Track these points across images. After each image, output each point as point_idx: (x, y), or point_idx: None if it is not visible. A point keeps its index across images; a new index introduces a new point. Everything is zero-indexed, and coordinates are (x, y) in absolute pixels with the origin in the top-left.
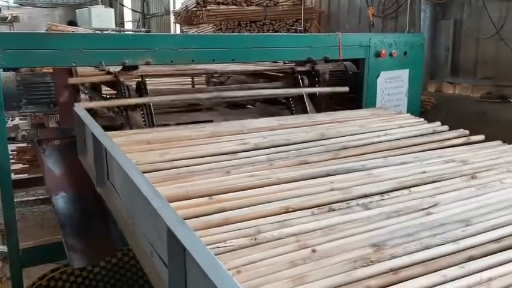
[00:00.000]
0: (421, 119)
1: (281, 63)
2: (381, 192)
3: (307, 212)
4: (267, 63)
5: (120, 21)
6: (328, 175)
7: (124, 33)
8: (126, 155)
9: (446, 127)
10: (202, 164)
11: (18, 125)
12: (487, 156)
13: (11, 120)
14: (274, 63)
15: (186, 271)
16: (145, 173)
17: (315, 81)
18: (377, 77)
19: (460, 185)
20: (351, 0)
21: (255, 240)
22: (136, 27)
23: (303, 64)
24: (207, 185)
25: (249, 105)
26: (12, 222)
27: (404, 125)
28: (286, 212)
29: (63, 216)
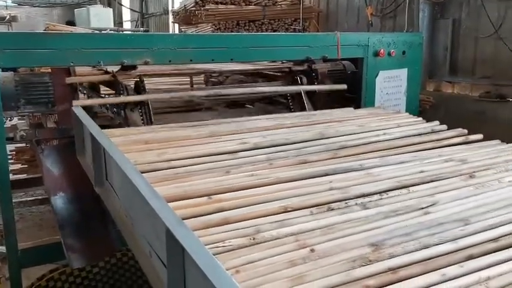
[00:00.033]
0: (420, 119)
1: (279, 62)
2: (380, 192)
3: (306, 211)
4: (265, 63)
5: (118, 20)
6: (327, 174)
7: (122, 32)
8: (125, 155)
9: (444, 126)
10: (201, 163)
11: (16, 125)
12: (485, 156)
13: (10, 121)
14: (272, 63)
15: (185, 271)
16: (143, 173)
17: (314, 80)
18: (375, 77)
19: (458, 184)
20: (349, 0)
21: (254, 240)
22: (135, 26)
23: (301, 64)
24: (206, 185)
25: (248, 105)
26: (11, 223)
27: (403, 124)
28: (285, 211)
29: (62, 216)
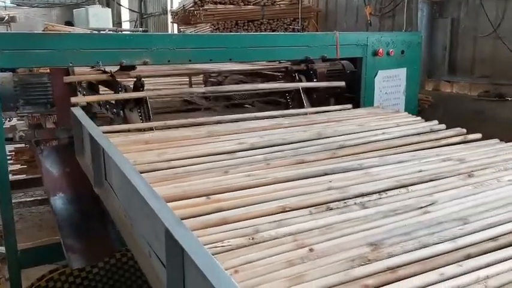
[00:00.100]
0: (419, 118)
1: (277, 62)
2: (379, 191)
3: (305, 211)
4: (263, 63)
5: (117, 21)
6: (325, 174)
7: (121, 33)
8: (124, 155)
9: (443, 126)
10: (200, 163)
11: (15, 126)
12: (484, 155)
13: (9, 121)
14: (270, 63)
15: (184, 271)
16: (142, 173)
17: (313, 80)
18: (374, 76)
19: (457, 184)
20: None
21: (253, 239)
22: (134, 27)
23: (300, 63)
24: (205, 185)
25: (247, 106)
26: (11, 223)
27: (402, 123)
28: (284, 211)
29: (61, 217)
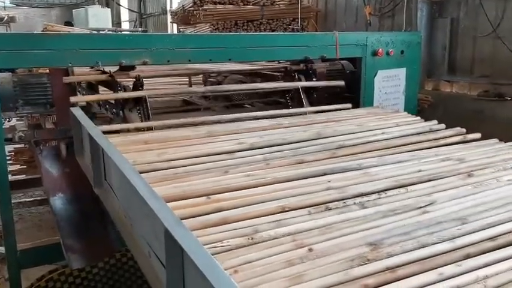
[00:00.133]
0: (418, 118)
1: (276, 62)
2: (378, 191)
3: (304, 211)
4: (263, 63)
5: (117, 21)
6: (324, 174)
7: (121, 33)
8: (123, 155)
9: (443, 125)
10: (200, 163)
11: (15, 126)
12: (483, 155)
13: (8, 121)
14: (270, 63)
15: (184, 271)
16: (142, 173)
17: (312, 80)
18: (374, 76)
19: (456, 183)
20: None
21: (252, 239)
22: (133, 27)
23: (299, 63)
24: (204, 185)
25: (247, 106)
26: (10, 224)
27: (401, 123)
28: (283, 211)
29: (61, 217)
